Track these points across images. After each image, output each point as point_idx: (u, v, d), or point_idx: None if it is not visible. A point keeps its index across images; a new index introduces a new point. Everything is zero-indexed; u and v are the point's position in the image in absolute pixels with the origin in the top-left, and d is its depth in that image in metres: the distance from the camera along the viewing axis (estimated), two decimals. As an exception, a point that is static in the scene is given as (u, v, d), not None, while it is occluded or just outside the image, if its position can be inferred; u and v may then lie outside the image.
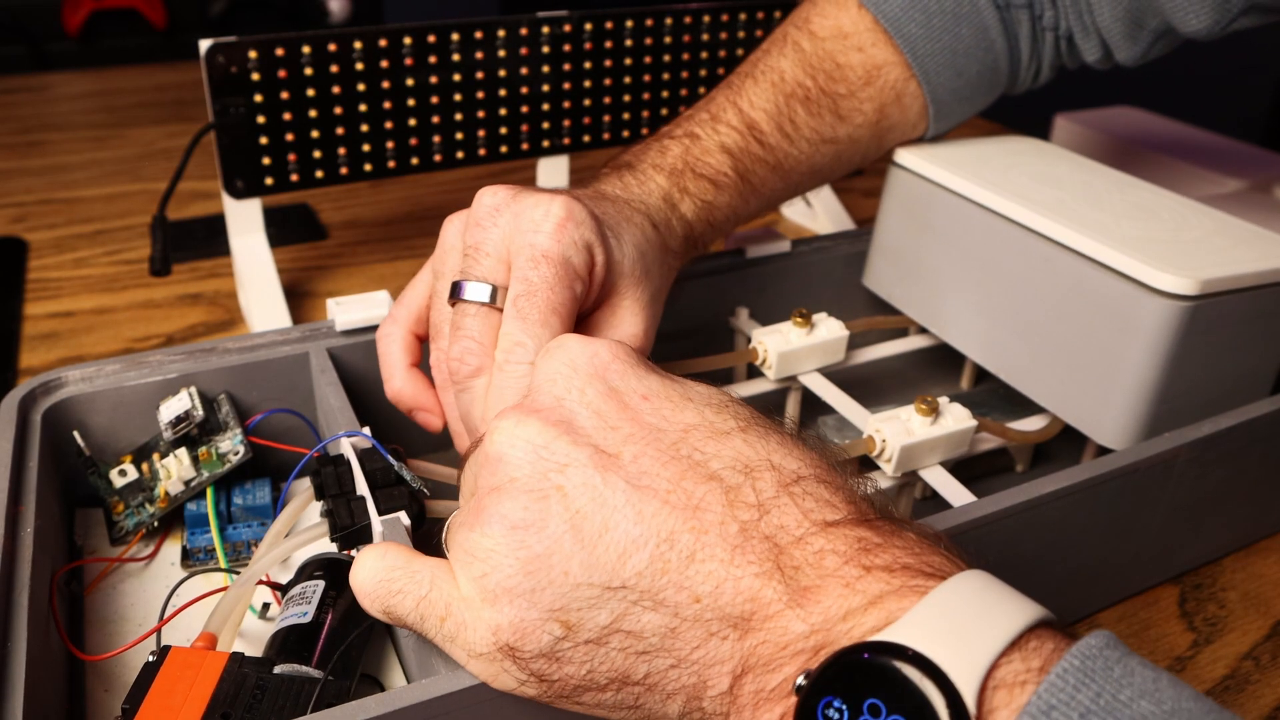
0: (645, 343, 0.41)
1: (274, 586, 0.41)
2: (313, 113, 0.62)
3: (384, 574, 0.30)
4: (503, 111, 0.68)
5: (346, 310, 0.48)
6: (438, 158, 0.67)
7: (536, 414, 0.29)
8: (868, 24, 0.53)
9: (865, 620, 0.24)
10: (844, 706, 0.23)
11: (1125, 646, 0.23)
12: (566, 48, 0.68)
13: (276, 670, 0.34)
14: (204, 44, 0.58)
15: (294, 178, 0.63)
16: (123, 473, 0.44)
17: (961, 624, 0.23)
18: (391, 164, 0.66)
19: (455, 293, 0.38)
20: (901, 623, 0.23)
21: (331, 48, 0.61)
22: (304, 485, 0.44)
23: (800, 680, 0.24)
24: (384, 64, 0.62)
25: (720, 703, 0.26)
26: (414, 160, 0.66)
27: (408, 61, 0.63)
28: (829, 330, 0.52)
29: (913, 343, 0.57)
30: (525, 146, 0.70)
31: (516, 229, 0.38)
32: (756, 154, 0.50)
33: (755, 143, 0.50)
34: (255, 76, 0.59)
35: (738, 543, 0.26)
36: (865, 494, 0.29)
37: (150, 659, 0.34)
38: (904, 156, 0.54)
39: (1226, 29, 0.50)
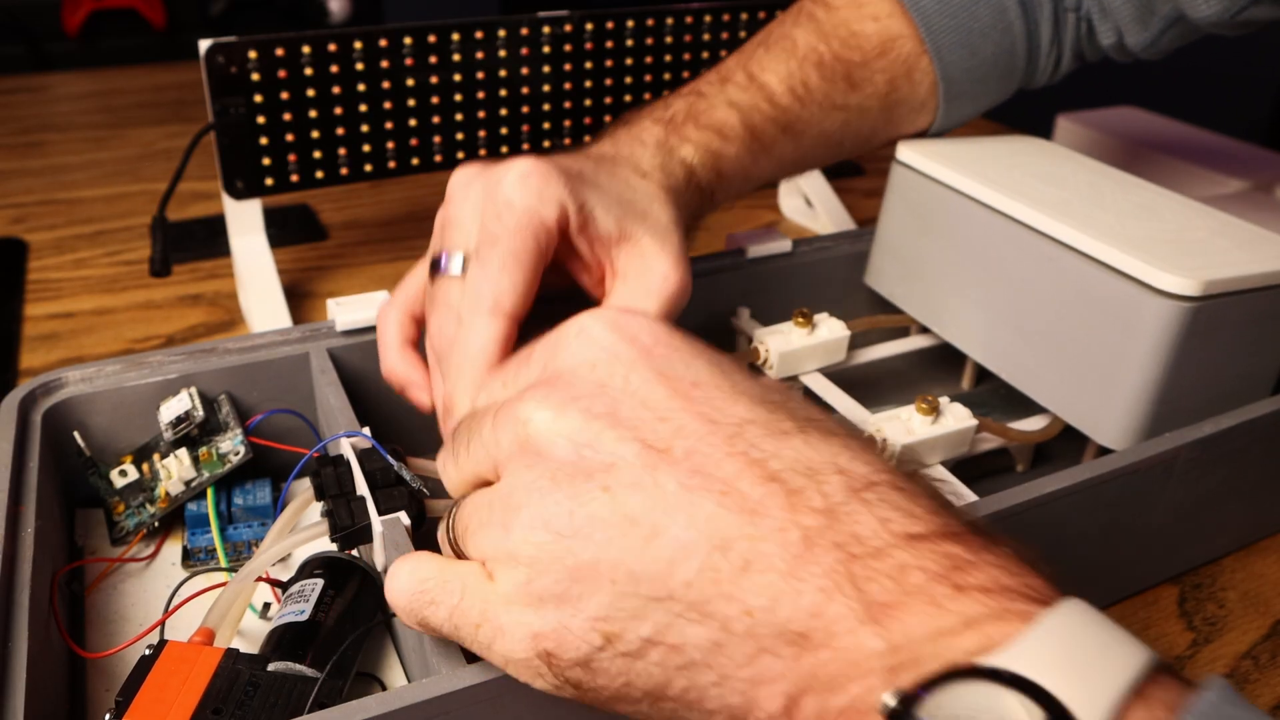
0: (681, 273, 0.40)
1: (274, 584, 0.41)
2: (313, 113, 0.62)
3: (416, 586, 0.28)
4: (503, 111, 0.68)
5: (347, 310, 0.48)
6: (438, 158, 0.67)
7: (576, 403, 0.26)
8: None
9: (960, 643, 0.22)
10: None
11: (1241, 700, 0.21)
12: (567, 48, 0.68)
13: (270, 668, 0.34)
14: (204, 44, 0.58)
15: (294, 178, 0.63)
16: (123, 473, 0.44)
17: (1082, 659, 0.21)
18: (392, 164, 0.66)
19: (433, 268, 0.38)
20: (1011, 650, 0.21)
21: (331, 48, 0.61)
22: (304, 485, 0.44)
23: (888, 701, 0.21)
24: (384, 64, 0.62)
25: None
26: (414, 160, 0.66)
27: (408, 61, 0.63)
28: (830, 330, 0.52)
29: (914, 342, 0.57)
30: (525, 146, 0.70)
31: (486, 195, 0.38)
32: (766, 112, 0.49)
33: (765, 101, 0.49)
34: (255, 76, 0.59)
35: (799, 551, 0.23)
36: (948, 502, 0.26)
37: (147, 652, 0.34)
38: (907, 154, 0.54)
39: (1237, 17, 0.50)
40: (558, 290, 0.41)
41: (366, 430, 0.41)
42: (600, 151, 0.44)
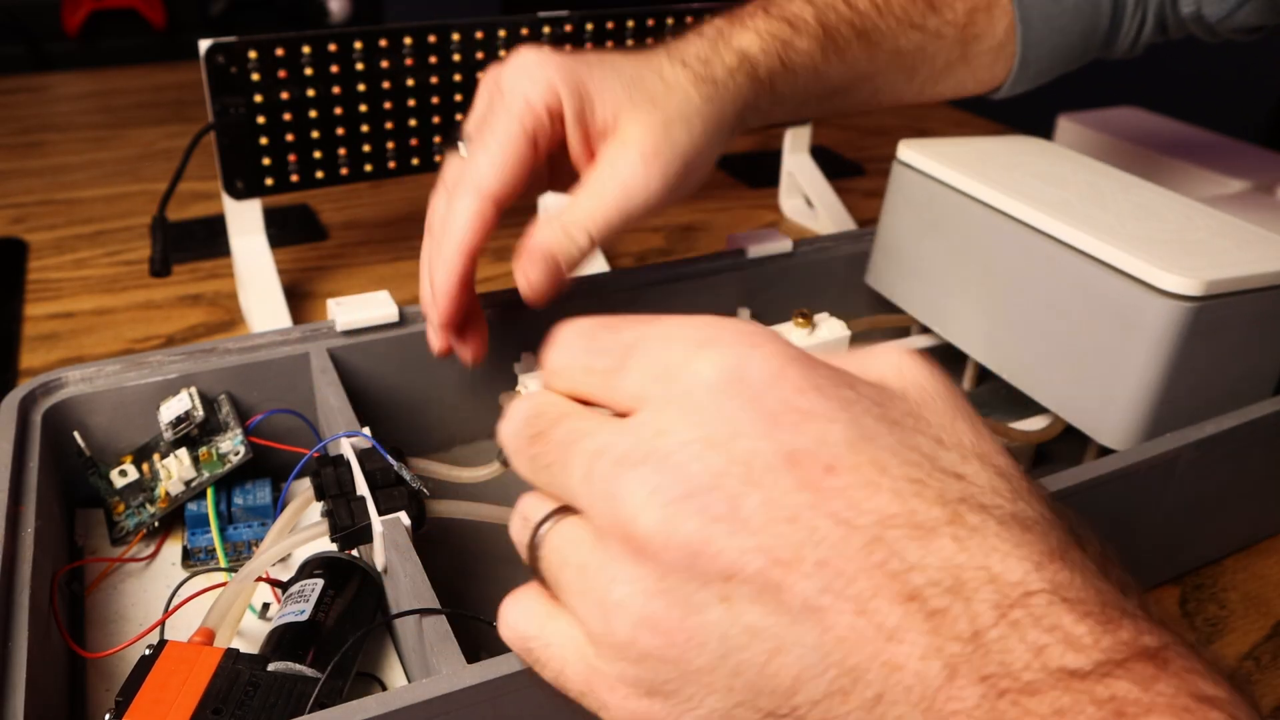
0: (654, 165, 0.40)
1: (274, 584, 0.41)
2: (313, 113, 0.62)
3: (521, 643, 0.27)
4: (503, 111, 0.68)
5: (347, 311, 0.48)
6: (438, 158, 0.67)
7: (691, 501, 0.22)
8: None
9: None
10: None
11: None
12: (567, 48, 0.68)
13: (270, 668, 0.34)
14: (204, 44, 0.57)
15: (294, 178, 0.63)
16: (123, 473, 0.44)
17: None
18: (392, 164, 0.66)
19: (445, 144, 0.43)
20: None
21: (331, 48, 0.61)
22: (304, 485, 0.44)
23: None
24: (384, 64, 0.62)
25: None
26: (414, 160, 0.66)
27: (408, 61, 0.63)
28: (830, 330, 0.51)
29: (914, 342, 0.57)
30: (526, 146, 0.70)
31: (492, 81, 0.40)
32: (842, 12, 0.48)
33: (842, 2, 0.48)
34: (255, 76, 0.59)
35: (940, 684, 0.20)
36: (1124, 604, 0.22)
37: (146, 652, 0.34)
38: (908, 154, 0.54)
39: None
40: None
41: (366, 430, 0.41)
42: (651, 45, 0.44)
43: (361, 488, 0.39)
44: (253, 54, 0.59)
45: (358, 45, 0.61)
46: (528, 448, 0.26)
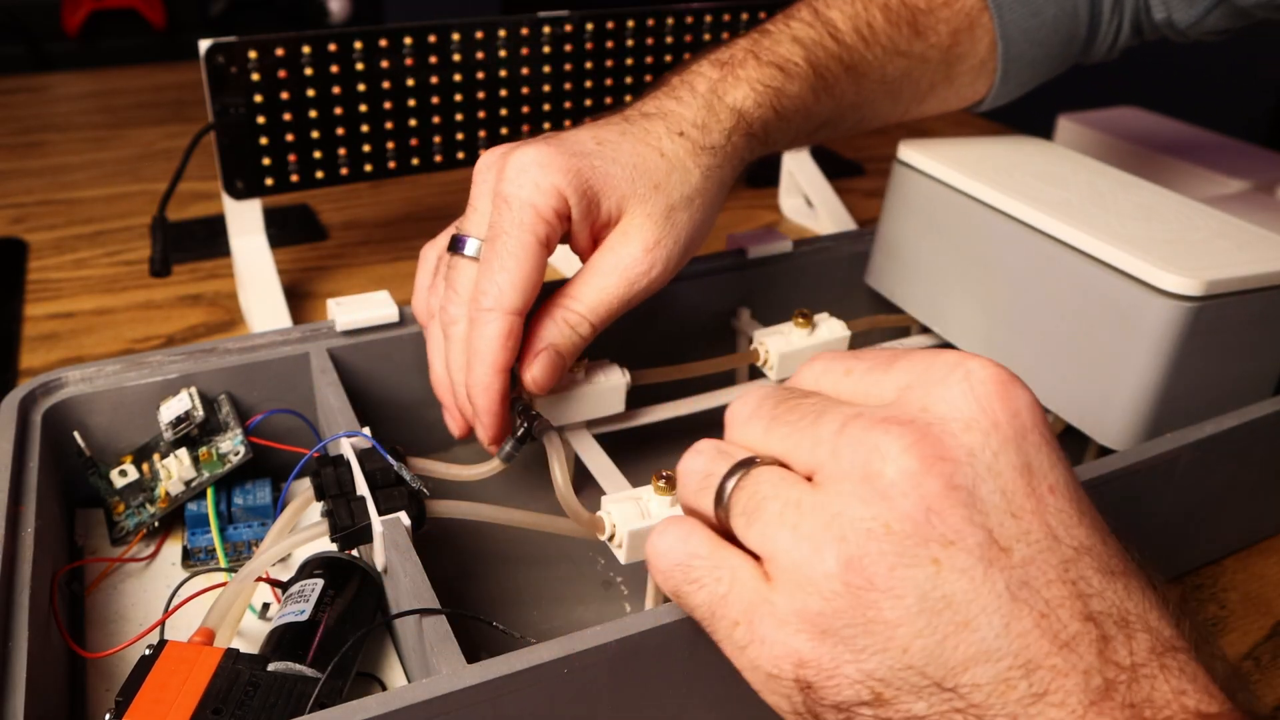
0: (656, 253, 0.41)
1: (274, 584, 0.41)
2: (313, 113, 0.62)
3: (684, 559, 0.27)
4: (503, 111, 0.68)
5: (347, 311, 0.48)
6: (438, 158, 0.67)
7: (943, 464, 0.25)
8: None
9: None
10: None
11: None
12: (567, 48, 0.68)
13: (270, 668, 0.34)
14: (204, 44, 0.57)
15: (294, 178, 0.63)
16: (123, 473, 0.44)
17: None
18: (392, 164, 0.66)
19: (452, 246, 0.41)
20: None
21: (331, 48, 0.61)
22: (304, 485, 0.44)
23: None
24: (384, 64, 0.62)
25: None
26: (414, 160, 0.66)
27: (408, 61, 0.63)
28: (831, 330, 0.51)
29: (915, 342, 0.57)
30: (526, 146, 0.70)
31: (496, 184, 0.40)
32: (831, 49, 0.49)
33: (830, 38, 0.49)
34: (255, 76, 0.59)
35: (1097, 699, 0.23)
36: (1234, 689, 0.25)
37: (147, 652, 0.34)
38: (908, 154, 0.54)
39: None
40: None
41: (366, 430, 0.41)
42: (642, 109, 0.44)
43: (361, 488, 0.39)
44: (253, 54, 0.59)
45: (358, 45, 0.61)
46: (773, 408, 0.28)
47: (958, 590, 0.24)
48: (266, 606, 0.41)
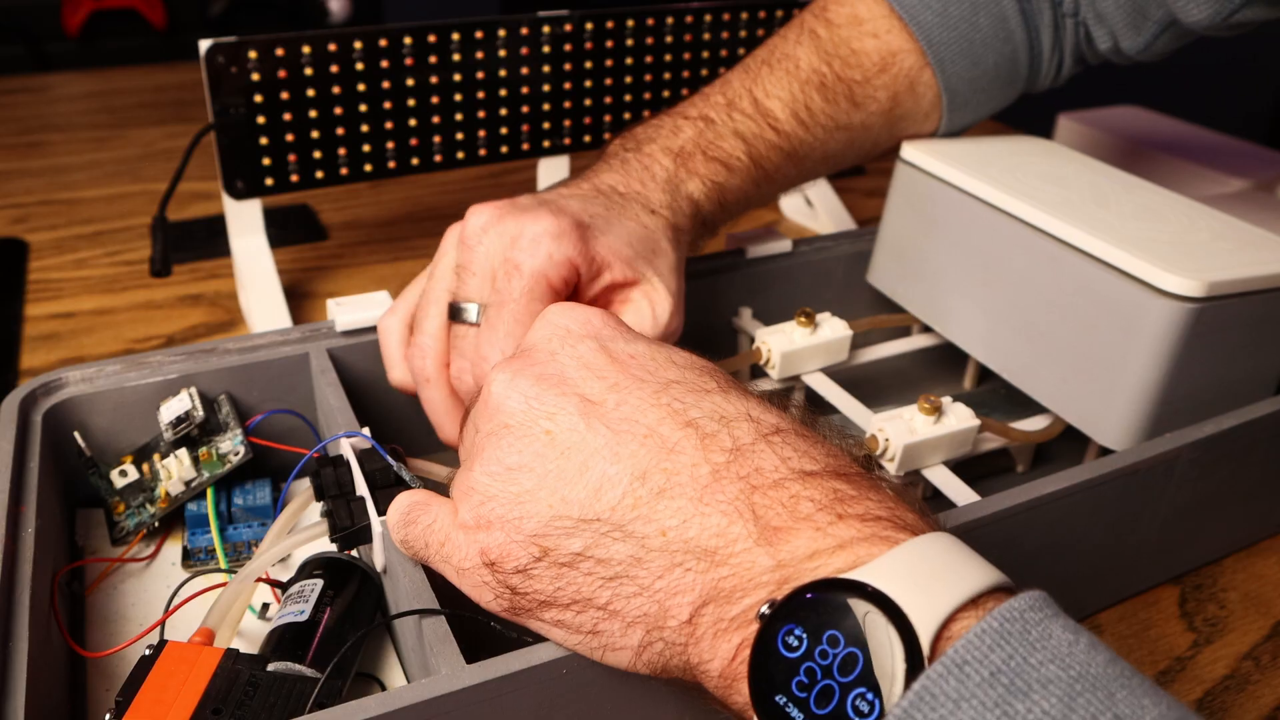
0: (680, 314, 0.45)
1: (274, 584, 0.41)
2: (313, 113, 0.62)
3: (407, 509, 0.34)
4: (503, 111, 0.68)
5: (347, 311, 0.48)
6: (438, 158, 0.67)
7: (531, 367, 0.32)
8: (883, 11, 0.53)
9: (832, 561, 0.25)
10: (804, 635, 0.24)
11: (1054, 607, 0.24)
12: (567, 48, 0.68)
13: (270, 668, 0.34)
14: (204, 44, 0.57)
15: (294, 178, 0.63)
16: (123, 473, 0.44)
17: (926, 575, 0.24)
18: (391, 164, 0.66)
19: (454, 315, 0.43)
20: (869, 566, 0.25)
21: (331, 48, 0.61)
22: (304, 486, 0.44)
23: (764, 609, 0.25)
24: (384, 64, 0.62)
25: (679, 633, 0.28)
26: (414, 160, 0.66)
27: (408, 61, 0.63)
28: (833, 330, 0.51)
29: (916, 342, 0.57)
30: (525, 146, 0.70)
31: (501, 250, 0.41)
32: (771, 140, 0.51)
33: (770, 130, 0.51)
34: (255, 76, 0.59)
35: (708, 482, 0.28)
36: (844, 448, 0.30)
37: (146, 652, 0.34)
38: (911, 153, 0.54)
39: (1229, 19, 0.50)
40: None
41: (366, 430, 0.41)
42: (611, 184, 0.47)
43: (361, 488, 0.39)
44: (253, 54, 0.59)
45: (358, 45, 0.61)
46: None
47: (570, 443, 0.29)
48: (266, 607, 0.41)
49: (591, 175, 0.47)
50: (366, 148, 0.64)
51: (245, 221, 0.65)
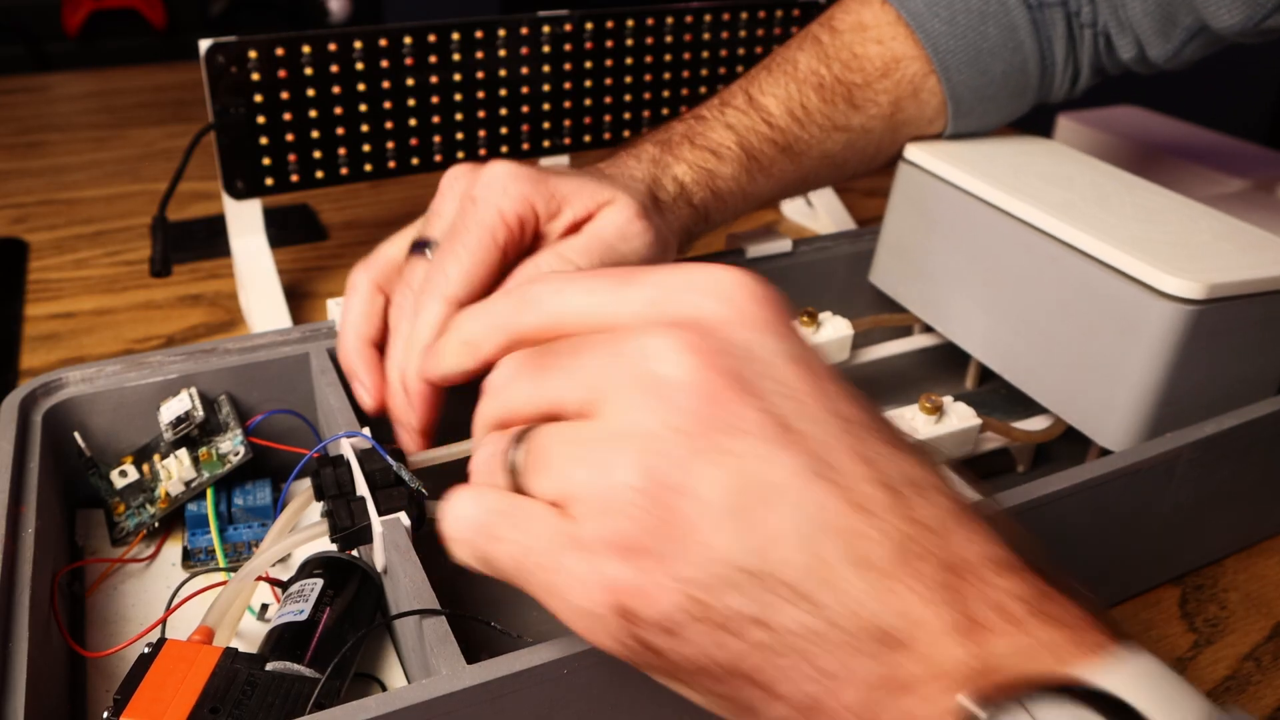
0: (647, 221, 0.43)
1: (274, 584, 0.41)
2: (313, 113, 0.62)
3: (482, 518, 0.26)
4: (503, 111, 0.68)
5: (347, 310, 0.48)
6: (438, 158, 0.67)
7: (711, 356, 0.24)
8: (890, 18, 0.53)
9: (1040, 660, 0.22)
10: None
11: None
12: (567, 48, 0.68)
13: (269, 667, 0.34)
14: (204, 44, 0.57)
15: (294, 178, 0.63)
16: (123, 473, 0.44)
17: (1164, 688, 0.21)
18: (392, 164, 0.66)
19: (413, 249, 0.42)
20: (1096, 672, 0.21)
21: (331, 48, 0.60)
22: (304, 486, 0.44)
23: (965, 701, 0.22)
24: (384, 64, 0.62)
25: None
26: (414, 160, 0.66)
27: (408, 61, 0.63)
28: (835, 329, 0.52)
29: (917, 342, 0.57)
30: (525, 146, 0.70)
31: (464, 192, 0.41)
32: (763, 133, 0.51)
33: (762, 123, 0.51)
34: (255, 76, 0.59)
35: (907, 559, 0.23)
36: (1018, 538, 0.26)
37: (145, 650, 0.34)
38: (914, 153, 0.54)
39: (1261, 25, 0.49)
40: None
41: (366, 430, 0.41)
42: (599, 168, 0.47)
43: (361, 488, 0.39)
44: (253, 54, 0.59)
45: (358, 45, 0.61)
46: (529, 362, 0.27)
47: (752, 474, 0.24)
48: (265, 607, 0.41)
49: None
50: (366, 148, 0.64)
51: (245, 221, 0.65)
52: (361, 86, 0.62)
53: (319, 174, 0.64)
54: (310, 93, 0.61)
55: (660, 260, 0.44)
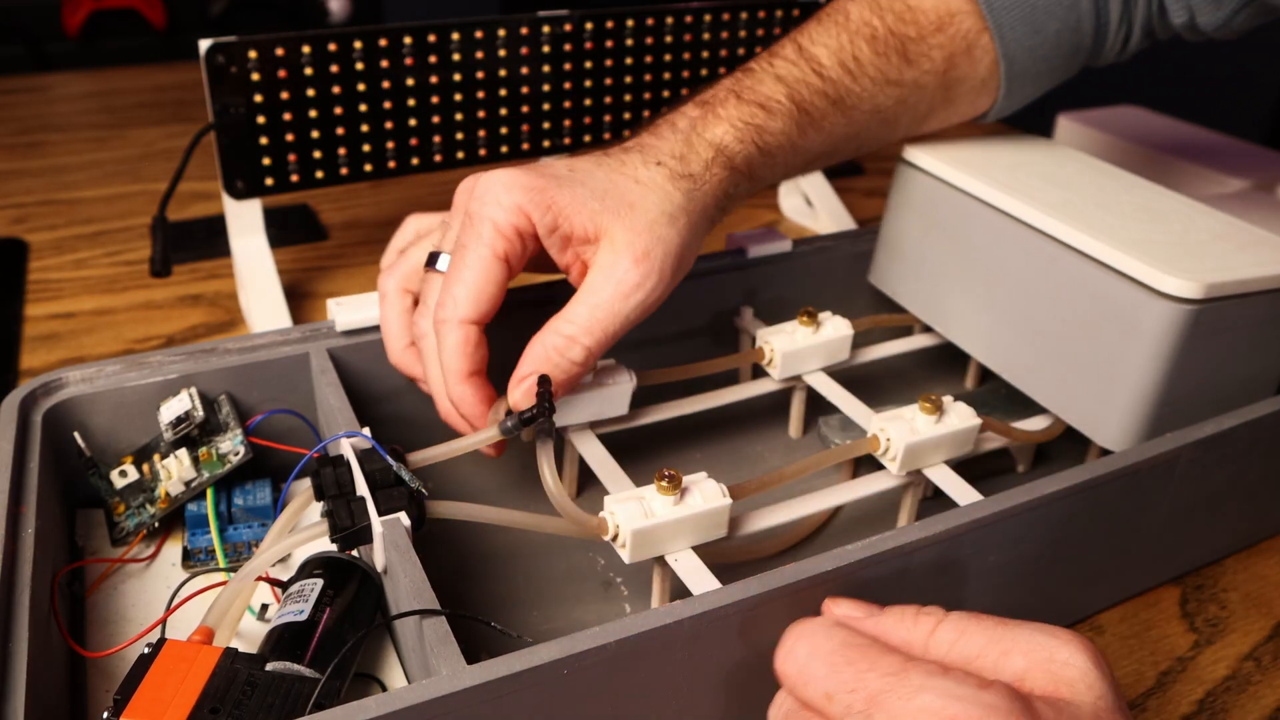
0: (647, 265, 0.41)
1: (274, 584, 0.41)
2: (313, 113, 0.62)
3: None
4: (503, 111, 0.68)
5: (347, 311, 0.48)
6: (438, 158, 0.67)
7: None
8: None
9: None
10: None
11: None
12: (567, 47, 0.68)
13: (268, 667, 0.34)
14: (204, 44, 0.57)
15: (294, 178, 0.63)
16: (123, 473, 0.44)
17: None
18: (391, 164, 0.66)
19: (429, 263, 0.43)
20: None
21: (331, 48, 0.60)
22: (304, 486, 0.44)
23: None
24: (384, 64, 0.62)
25: None
26: (414, 160, 0.66)
27: (408, 61, 0.63)
28: (835, 329, 0.52)
29: (917, 341, 0.57)
30: (525, 146, 0.70)
31: (463, 199, 0.42)
32: (815, 85, 0.49)
33: (814, 74, 0.49)
34: (255, 76, 0.59)
35: None
36: None
37: (145, 651, 0.34)
38: (913, 154, 0.54)
39: None
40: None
41: (366, 430, 0.41)
42: (621, 145, 0.45)
43: (361, 488, 0.39)
44: (253, 54, 0.59)
45: (358, 45, 0.61)
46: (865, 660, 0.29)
47: None
48: (265, 607, 0.41)
49: (616, 141, 0.46)
50: (366, 148, 0.64)
51: (245, 221, 0.65)
52: (361, 86, 0.62)
53: (319, 174, 0.64)
54: (310, 93, 0.61)
55: (672, 282, 0.43)
